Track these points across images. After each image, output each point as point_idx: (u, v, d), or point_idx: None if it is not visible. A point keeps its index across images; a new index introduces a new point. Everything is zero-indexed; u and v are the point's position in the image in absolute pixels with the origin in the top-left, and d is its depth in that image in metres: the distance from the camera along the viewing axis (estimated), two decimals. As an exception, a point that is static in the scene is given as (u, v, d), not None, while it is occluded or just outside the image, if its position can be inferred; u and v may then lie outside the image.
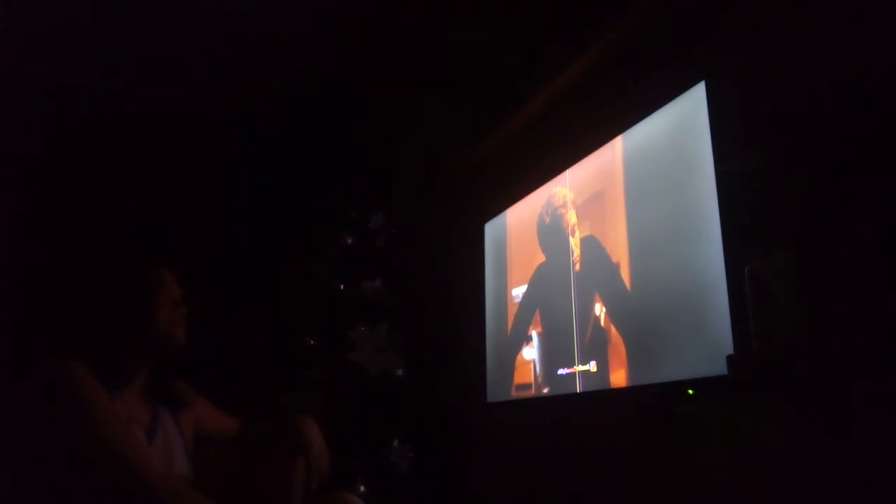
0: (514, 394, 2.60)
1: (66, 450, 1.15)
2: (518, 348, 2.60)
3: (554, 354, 2.37)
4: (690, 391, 1.75)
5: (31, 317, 2.90)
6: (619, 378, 2.03)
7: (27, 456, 1.16)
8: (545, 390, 2.40)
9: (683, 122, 1.87)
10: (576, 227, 2.33)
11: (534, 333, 2.52)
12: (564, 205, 2.42)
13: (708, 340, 1.69)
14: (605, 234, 2.17)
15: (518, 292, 2.66)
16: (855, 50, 1.49)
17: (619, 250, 2.09)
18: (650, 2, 2.03)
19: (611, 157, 2.18)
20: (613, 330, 2.08)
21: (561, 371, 2.31)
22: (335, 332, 3.02)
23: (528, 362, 2.54)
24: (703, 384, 1.71)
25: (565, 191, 2.42)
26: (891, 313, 1.31)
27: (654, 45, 2.08)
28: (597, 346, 2.15)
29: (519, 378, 2.58)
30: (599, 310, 2.16)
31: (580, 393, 2.20)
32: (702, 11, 1.91)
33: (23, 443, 1.17)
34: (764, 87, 1.69)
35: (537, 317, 2.52)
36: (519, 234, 2.72)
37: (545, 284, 2.50)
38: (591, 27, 2.23)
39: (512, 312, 2.69)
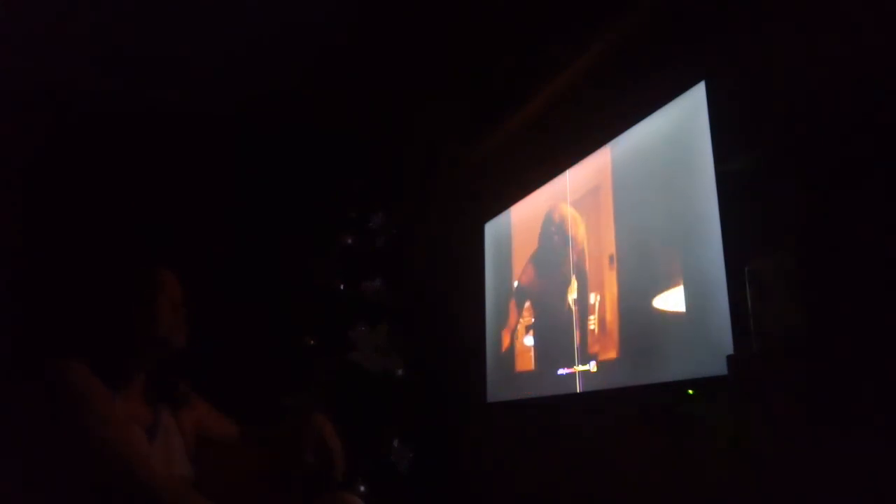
0: (517, 374, 2.60)
1: (66, 450, 1.15)
2: (520, 336, 2.61)
3: (553, 354, 2.37)
4: (690, 391, 1.75)
5: (32, 317, 2.90)
6: (618, 378, 2.03)
7: (28, 456, 1.16)
8: (544, 380, 2.40)
9: (683, 122, 1.87)
10: (574, 228, 2.33)
11: (533, 322, 2.52)
12: (564, 217, 2.42)
13: (708, 340, 1.69)
14: (604, 234, 2.17)
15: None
16: (855, 50, 1.49)
17: (618, 251, 2.09)
18: (650, 2, 2.03)
19: (611, 157, 2.18)
20: (613, 330, 2.08)
21: (561, 371, 2.31)
22: (335, 332, 3.02)
23: (528, 349, 2.54)
24: (703, 384, 1.71)
25: (569, 209, 2.42)
26: (891, 313, 1.31)
27: (654, 45, 2.08)
28: (596, 346, 2.15)
29: (520, 365, 2.59)
30: (600, 309, 2.16)
31: (580, 393, 2.20)
32: (702, 11, 1.91)
33: (23, 443, 1.17)
34: (764, 87, 1.69)
35: (535, 306, 2.52)
36: (523, 231, 2.72)
37: (543, 278, 2.50)
38: (591, 27, 2.23)
39: (515, 305, 2.69)
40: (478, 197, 3.13)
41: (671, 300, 1.85)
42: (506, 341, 2.71)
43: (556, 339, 2.37)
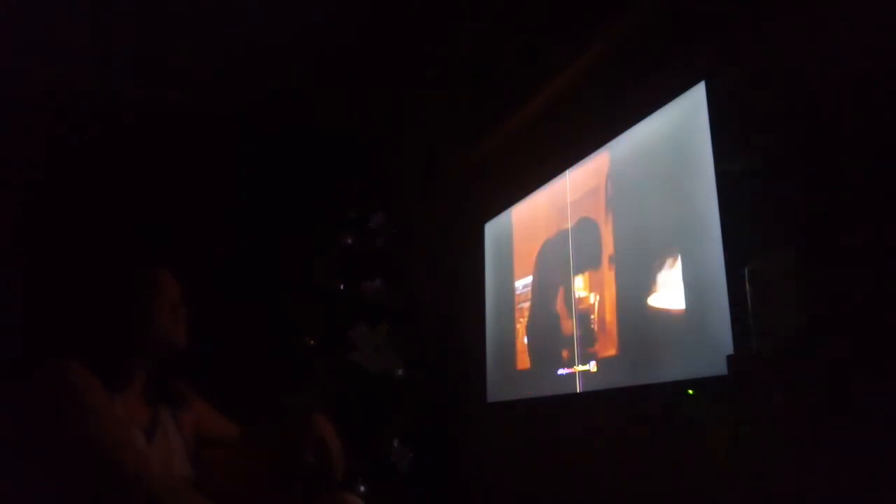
0: (517, 374, 2.60)
1: (65, 450, 1.15)
2: (520, 336, 2.61)
3: (553, 354, 2.37)
4: (690, 391, 1.75)
5: (31, 317, 2.89)
6: (618, 378, 2.03)
7: (27, 456, 1.16)
8: (544, 380, 2.39)
9: (683, 122, 1.87)
10: (577, 229, 2.33)
11: (533, 322, 2.52)
12: (567, 218, 2.42)
13: (708, 340, 1.69)
14: (605, 234, 2.17)
15: (521, 284, 2.66)
16: (855, 49, 1.49)
17: (618, 251, 2.09)
18: (650, 2, 2.02)
19: (611, 157, 2.18)
20: (613, 330, 2.08)
21: (561, 371, 2.31)
22: (335, 332, 3.02)
23: (528, 349, 2.54)
24: (703, 384, 1.71)
25: (572, 210, 2.42)
26: (891, 313, 1.31)
27: (654, 45, 2.08)
28: (597, 346, 2.15)
29: (520, 365, 2.58)
30: (599, 309, 2.15)
31: (580, 393, 2.20)
32: (702, 11, 1.91)
33: (22, 444, 1.16)
34: (764, 87, 1.69)
35: (535, 306, 2.52)
36: (523, 230, 2.71)
37: (543, 278, 2.50)
38: (591, 27, 2.23)
39: (517, 304, 2.69)
40: (478, 197, 3.13)
41: (671, 300, 1.85)
42: (506, 341, 2.71)
43: (556, 339, 2.37)
